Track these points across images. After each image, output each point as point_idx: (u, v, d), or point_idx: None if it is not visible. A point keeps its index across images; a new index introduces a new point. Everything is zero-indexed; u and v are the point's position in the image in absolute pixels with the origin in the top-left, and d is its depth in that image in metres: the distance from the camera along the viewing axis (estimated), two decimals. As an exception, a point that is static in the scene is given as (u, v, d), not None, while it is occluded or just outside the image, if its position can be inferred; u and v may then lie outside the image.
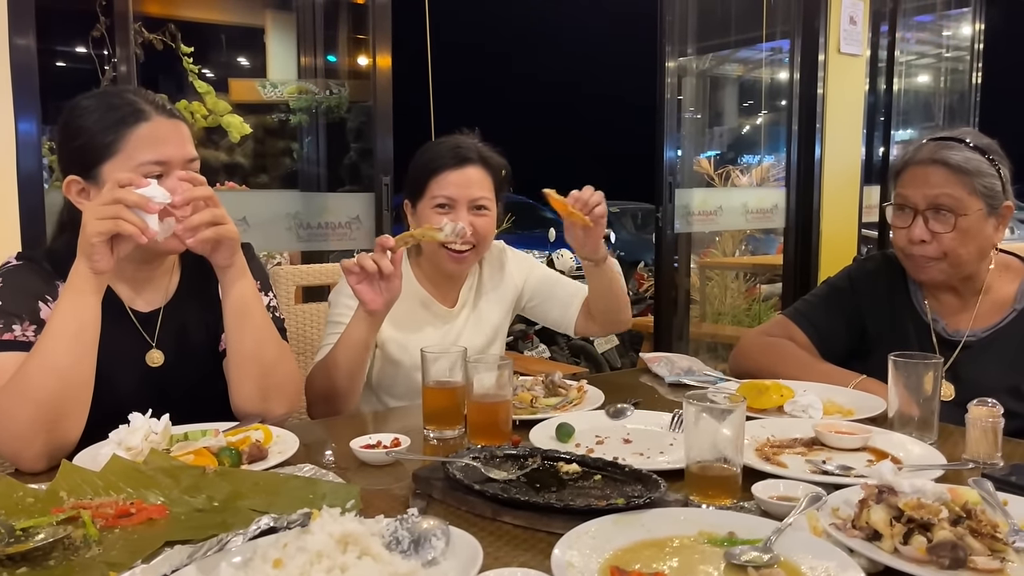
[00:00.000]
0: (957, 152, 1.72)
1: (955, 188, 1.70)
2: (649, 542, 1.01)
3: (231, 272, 1.51)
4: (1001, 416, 1.31)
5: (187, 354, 1.59)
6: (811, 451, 1.38)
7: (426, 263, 2.01)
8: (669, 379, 1.96)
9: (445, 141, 1.96)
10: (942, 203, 1.71)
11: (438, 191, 1.89)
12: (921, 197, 1.73)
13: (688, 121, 5.96)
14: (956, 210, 1.70)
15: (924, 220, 1.73)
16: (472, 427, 1.48)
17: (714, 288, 5.87)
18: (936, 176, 1.72)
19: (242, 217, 2.97)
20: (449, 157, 1.91)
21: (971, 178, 1.70)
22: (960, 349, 1.79)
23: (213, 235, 1.43)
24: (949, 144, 1.74)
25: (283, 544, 0.89)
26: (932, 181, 1.72)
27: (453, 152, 1.91)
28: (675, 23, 4.43)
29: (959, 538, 0.94)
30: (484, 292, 2.09)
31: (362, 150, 4.26)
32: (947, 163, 1.71)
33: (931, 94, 6.37)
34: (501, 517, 1.11)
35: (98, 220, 1.32)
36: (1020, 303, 1.77)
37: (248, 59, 5.48)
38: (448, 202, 1.89)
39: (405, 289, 1.88)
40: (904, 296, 1.89)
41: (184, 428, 1.38)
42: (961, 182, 1.70)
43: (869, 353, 1.88)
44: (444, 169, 1.90)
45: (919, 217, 1.73)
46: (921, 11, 5.87)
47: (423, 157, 1.95)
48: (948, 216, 1.71)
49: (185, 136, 1.51)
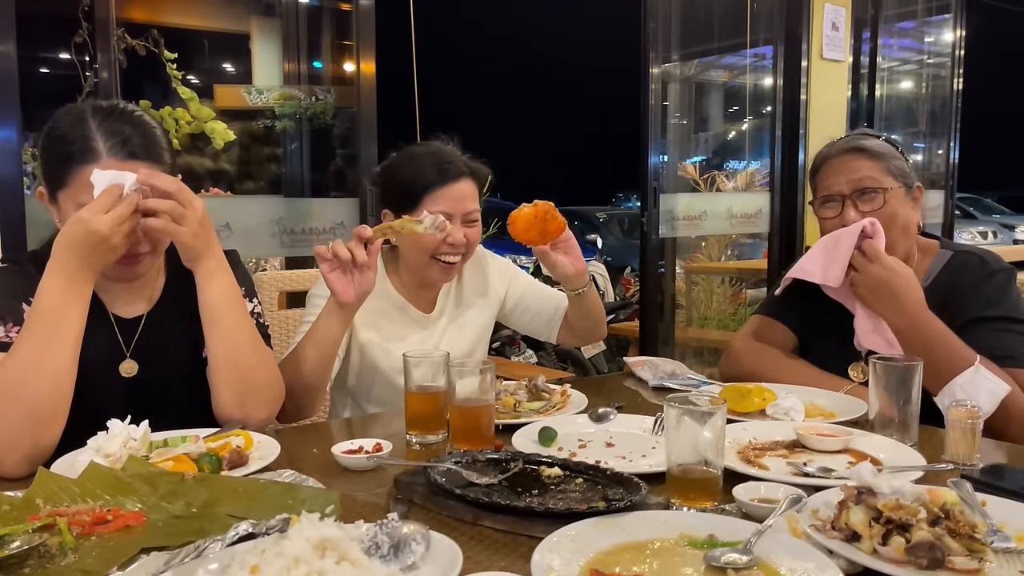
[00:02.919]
0: (868, 140, 1.86)
1: (873, 170, 1.81)
2: (629, 545, 1.01)
3: (199, 276, 1.50)
4: (980, 418, 1.33)
5: (166, 363, 1.58)
6: (792, 453, 1.38)
7: (404, 271, 2.00)
8: (653, 383, 1.96)
9: (430, 153, 1.93)
10: (866, 185, 1.81)
11: (435, 206, 1.86)
12: (845, 183, 1.83)
13: (673, 127, 5.99)
14: (879, 189, 1.80)
15: (853, 205, 1.81)
16: (454, 432, 1.47)
17: (700, 293, 5.90)
18: (855, 162, 1.83)
19: (225, 223, 2.95)
20: (442, 172, 1.89)
21: (885, 161, 1.82)
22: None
23: (160, 227, 1.42)
24: (860, 136, 1.88)
25: (261, 550, 0.88)
26: (852, 167, 1.83)
27: (445, 167, 1.89)
28: (659, 29, 4.44)
29: (937, 539, 0.94)
30: (465, 298, 2.09)
31: (347, 156, 4.25)
32: (862, 149, 1.84)
33: (913, 100, 6.43)
34: (482, 521, 1.11)
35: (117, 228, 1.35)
36: (925, 282, 1.81)
37: (233, 65, 5.47)
38: (447, 217, 1.86)
39: (382, 295, 1.89)
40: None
41: (164, 435, 1.37)
42: (877, 165, 1.82)
43: (808, 342, 1.96)
44: (438, 185, 1.88)
45: (847, 202, 1.82)
46: (902, 18, 5.92)
47: (409, 170, 1.91)
48: (873, 195, 1.80)
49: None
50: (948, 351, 1.61)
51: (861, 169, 1.81)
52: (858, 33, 5.11)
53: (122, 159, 1.43)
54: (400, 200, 1.90)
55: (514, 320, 2.18)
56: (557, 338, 2.14)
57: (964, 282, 1.78)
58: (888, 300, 1.68)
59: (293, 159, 4.59)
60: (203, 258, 1.49)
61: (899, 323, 1.68)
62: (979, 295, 1.75)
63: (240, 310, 1.55)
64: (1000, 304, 1.74)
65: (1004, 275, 1.78)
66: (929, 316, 1.65)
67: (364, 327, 1.94)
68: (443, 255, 1.91)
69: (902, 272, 1.68)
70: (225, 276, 1.53)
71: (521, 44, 21.94)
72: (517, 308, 2.16)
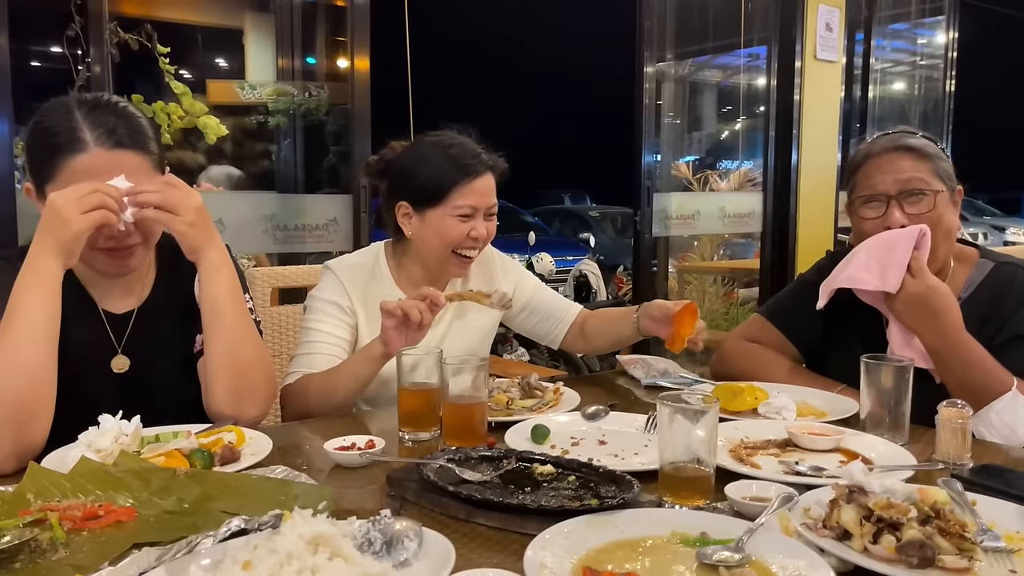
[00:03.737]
0: (915, 139, 1.77)
1: (922, 171, 1.73)
2: (622, 542, 1.01)
3: (203, 269, 1.50)
4: (971, 417, 1.33)
5: (158, 358, 1.57)
6: (784, 452, 1.39)
7: (415, 267, 1.95)
8: (645, 381, 1.96)
9: (452, 146, 1.86)
10: (914, 186, 1.72)
11: (462, 200, 1.82)
12: (891, 183, 1.73)
13: (667, 126, 6.00)
14: (927, 191, 1.72)
15: (899, 206, 1.73)
16: (447, 429, 1.47)
17: (692, 292, 5.91)
18: (903, 162, 1.74)
19: (218, 219, 2.95)
20: (468, 168, 1.83)
21: (932, 162, 1.74)
22: None
23: (154, 216, 1.42)
24: (905, 134, 1.80)
25: (253, 546, 0.88)
26: (900, 167, 1.74)
27: (470, 162, 1.84)
28: (654, 29, 4.45)
29: (928, 537, 0.95)
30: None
31: (341, 153, 4.24)
32: (910, 148, 1.75)
33: (906, 101, 6.46)
34: (475, 519, 1.11)
35: (83, 215, 1.34)
36: (965, 292, 1.76)
37: (226, 60, 5.44)
38: (472, 211, 1.84)
39: (385, 293, 1.86)
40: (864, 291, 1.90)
41: (155, 430, 1.37)
42: (926, 165, 1.73)
43: (830, 348, 1.89)
44: (465, 180, 1.83)
45: (893, 203, 1.73)
46: (896, 19, 5.94)
47: (431, 165, 1.84)
48: (920, 198, 1.72)
49: (128, 168, 1.42)
50: (984, 374, 1.56)
51: (909, 169, 1.72)
52: (852, 34, 5.14)
53: (109, 148, 1.42)
54: (423, 196, 1.84)
55: (518, 323, 2.15)
56: (562, 345, 2.13)
57: (1010, 296, 1.72)
58: (927, 319, 1.61)
59: (286, 155, 4.58)
60: (205, 249, 1.49)
61: (936, 344, 1.61)
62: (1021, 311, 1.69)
63: (241, 306, 1.55)
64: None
65: None
66: (967, 338, 1.59)
67: (368, 330, 1.89)
68: (464, 249, 1.88)
69: (942, 291, 1.61)
70: (228, 271, 1.52)
71: (519, 42, 21.96)
72: (524, 311, 2.13)
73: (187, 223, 1.45)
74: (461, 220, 1.83)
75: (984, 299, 1.72)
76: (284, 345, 2.26)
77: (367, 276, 1.92)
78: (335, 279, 1.88)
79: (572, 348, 2.17)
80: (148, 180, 1.44)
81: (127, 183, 1.40)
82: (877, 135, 1.85)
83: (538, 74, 23.01)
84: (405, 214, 1.88)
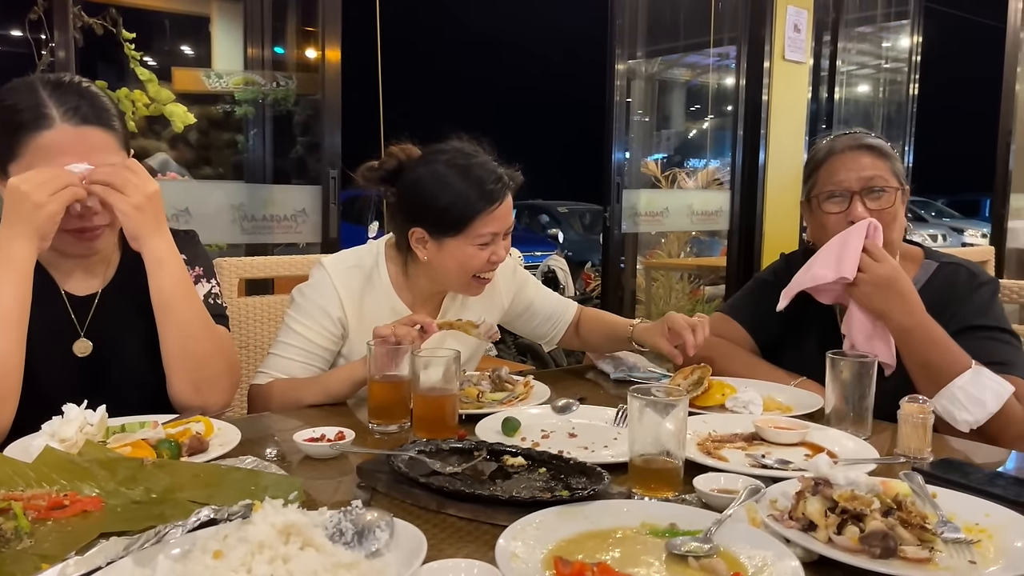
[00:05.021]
0: (875, 139, 1.85)
1: (883, 169, 1.80)
2: (593, 533, 1.02)
3: (147, 260, 1.48)
4: (931, 413, 1.36)
5: (123, 342, 1.55)
6: (751, 446, 1.41)
7: (420, 278, 1.84)
8: (614, 375, 1.98)
9: (472, 168, 1.73)
10: (876, 184, 1.79)
11: (485, 229, 1.72)
12: (856, 180, 1.80)
13: (636, 124, 6.04)
14: (887, 188, 1.79)
15: (861, 202, 1.79)
16: (418, 421, 1.47)
17: (659, 289, 5.96)
18: (866, 159, 1.81)
19: (185, 208, 2.91)
20: (491, 195, 1.71)
21: (891, 162, 1.82)
22: None
23: (101, 192, 1.40)
24: (864, 134, 1.87)
25: (223, 536, 0.87)
26: (864, 164, 1.81)
27: (491, 189, 1.72)
28: (625, 26, 4.48)
29: (890, 528, 0.97)
30: (469, 305, 1.95)
31: (310, 144, 4.20)
32: (872, 147, 1.82)
33: (870, 103, 6.56)
34: (446, 510, 1.11)
35: (53, 195, 1.33)
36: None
37: (193, 48, 5.36)
38: (493, 238, 1.75)
39: (390, 311, 1.81)
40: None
41: (122, 420, 1.35)
42: (885, 164, 1.81)
43: (783, 345, 1.95)
44: (487, 209, 1.71)
45: (856, 198, 1.79)
46: (862, 22, 6.03)
47: (451, 192, 1.70)
48: (881, 194, 1.79)
49: (94, 144, 1.41)
50: (948, 353, 1.62)
51: (871, 167, 1.80)
52: (819, 36, 5.21)
53: (76, 125, 1.40)
54: (443, 225, 1.72)
55: (518, 326, 2.11)
56: (559, 344, 2.12)
57: (954, 292, 1.79)
58: (896, 300, 1.66)
59: (254, 145, 4.53)
60: (149, 238, 1.46)
61: (906, 322, 1.66)
62: (969, 305, 1.76)
63: (192, 298, 1.52)
64: (988, 315, 1.75)
65: (991, 287, 1.80)
66: (930, 318, 1.66)
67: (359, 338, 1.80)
68: (484, 273, 1.79)
69: (904, 274, 1.69)
70: (175, 263, 1.50)
71: (491, 37, 21.93)
72: (524, 315, 2.08)
73: (133, 204, 1.42)
74: (481, 248, 1.74)
75: (933, 296, 1.78)
76: (251, 336, 2.24)
77: (363, 281, 1.83)
78: (329, 283, 1.79)
79: (567, 346, 2.16)
80: (115, 158, 1.43)
81: (85, 166, 1.39)
82: (835, 134, 1.91)
83: (509, 68, 23.01)
84: (420, 239, 1.76)
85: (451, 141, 1.81)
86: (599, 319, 2.10)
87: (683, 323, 1.79)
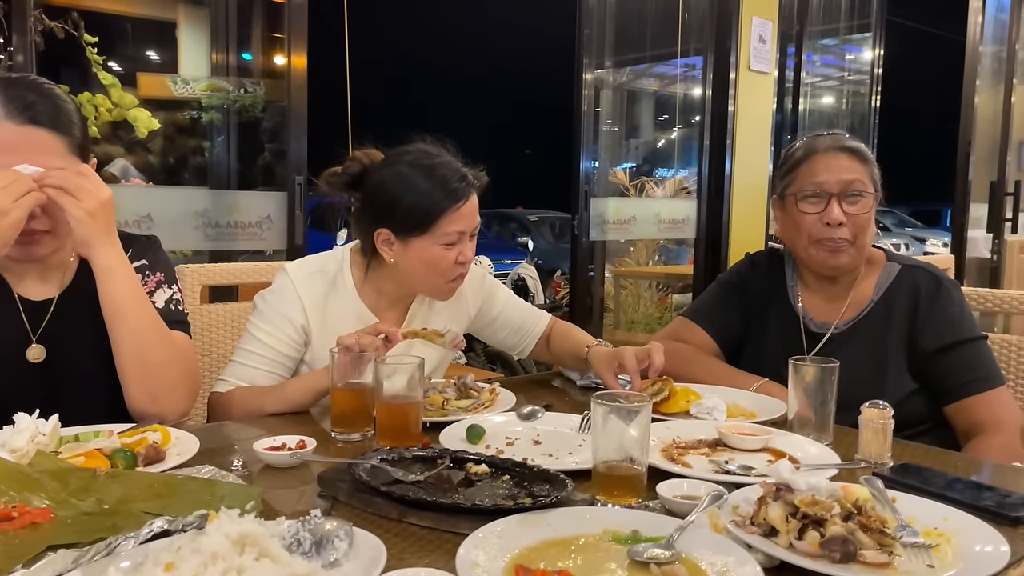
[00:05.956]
0: (856, 143, 1.86)
1: (862, 174, 1.82)
2: (555, 541, 1.01)
3: (96, 269, 1.45)
4: (891, 418, 1.38)
5: (78, 348, 1.51)
6: (715, 452, 1.41)
7: (386, 281, 1.82)
8: (581, 382, 1.98)
9: (435, 167, 1.72)
10: (856, 187, 1.80)
11: (451, 227, 1.70)
12: (836, 182, 1.80)
13: (605, 133, 6.07)
14: (865, 193, 1.81)
15: (839, 203, 1.80)
16: (380, 429, 1.46)
17: (628, 297, 5.99)
18: (847, 162, 1.82)
19: (147, 214, 2.86)
20: (455, 193, 1.70)
21: (870, 166, 1.84)
22: (825, 342, 1.87)
23: (53, 196, 1.37)
24: (844, 136, 1.88)
25: (176, 547, 0.85)
26: (845, 166, 1.81)
27: (456, 187, 1.70)
28: (593, 36, 4.50)
29: (850, 533, 0.97)
30: (435, 313, 1.92)
31: (276, 150, 4.17)
32: (852, 150, 1.83)
33: (834, 115, 6.66)
34: (407, 518, 1.09)
35: (16, 202, 1.31)
36: (877, 294, 1.86)
37: (158, 54, 5.29)
38: (459, 237, 1.73)
39: (356, 319, 1.78)
40: (781, 290, 1.98)
41: (75, 430, 1.32)
42: (864, 168, 1.82)
43: (744, 344, 1.99)
44: (452, 207, 1.70)
45: (834, 200, 1.80)
46: (826, 35, 6.13)
47: (415, 192, 1.69)
48: (859, 199, 1.80)
49: (37, 145, 1.37)
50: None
51: (852, 170, 1.80)
52: (784, 48, 5.28)
53: (19, 123, 1.36)
54: (408, 224, 1.71)
55: (487, 335, 2.08)
56: (530, 355, 2.10)
57: (921, 298, 1.81)
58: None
59: (220, 151, 4.49)
60: (99, 245, 1.43)
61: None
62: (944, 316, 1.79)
63: (144, 305, 1.49)
64: (963, 326, 1.78)
65: (957, 291, 1.83)
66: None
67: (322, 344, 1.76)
68: (453, 274, 1.76)
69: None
70: (125, 271, 1.47)
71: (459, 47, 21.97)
72: (493, 325, 2.05)
73: (86, 210, 1.39)
74: (447, 247, 1.72)
75: (900, 301, 1.83)
76: (214, 344, 2.20)
77: (327, 287, 1.80)
78: (292, 289, 1.76)
79: (539, 358, 2.14)
80: (61, 162, 1.39)
81: (32, 168, 1.35)
82: (814, 134, 1.91)
83: (478, 78, 23.06)
84: (386, 241, 1.74)
85: (414, 142, 1.79)
86: (566, 334, 2.06)
87: (633, 365, 1.75)
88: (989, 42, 6.42)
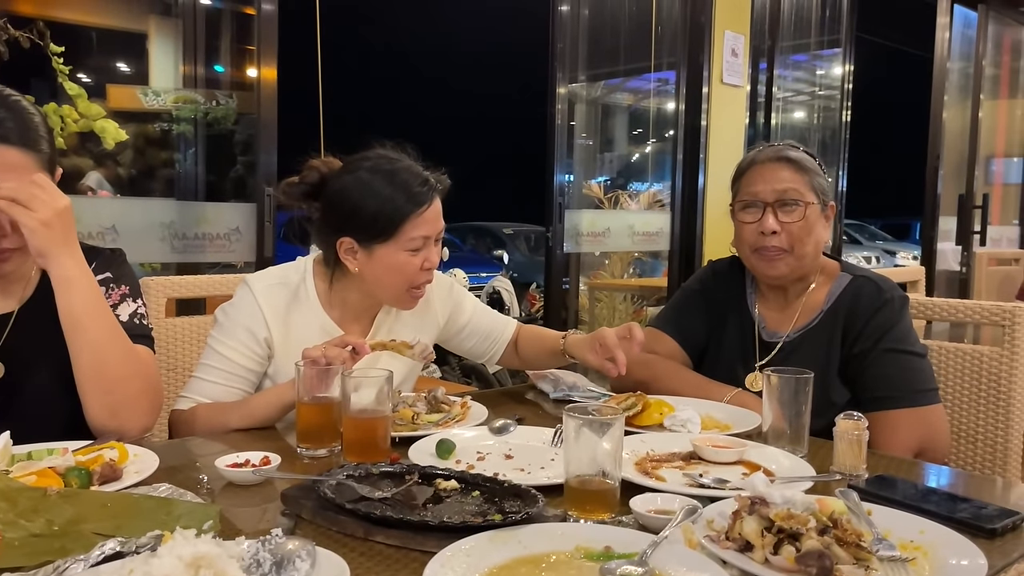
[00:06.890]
0: (796, 152, 1.89)
1: (797, 183, 1.84)
2: (525, 558, 0.98)
3: (54, 279, 1.40)
4: (866, 429, 1.36)
5: (37, 364, 1.47)
6: (689, 465, 1.39)
7: (350, 291, 1.78)
8: (554, 395, 1.95)
9: (396, 172, 1.69)
10: (789, 196, 1.83)
11: (415, 232, 1.67)
12: (770, 192, 1.84)
13: (580, 147, 6.08)
14: (801, 202, 1.83)
15: (773, 213, 1.83)
16: (348, 444, 1.42)
17: (603, 309, 5.98)
18: (782, 172, 1.85)
19: (111, 225, 2.81)
20: (418, 198, 1.67)
21: (809, 175, 1.86)
22: (776, 351, 1.87)
23: (4, 207, 1.33)
24: (787, 147, 1.91)
25: (128, 570, 0.81)
26: (779, 176, 1.85)
27: (419, 191, 1.67)
28: (566, 50, 4.50)
29: (826, 547, 0.95)
30: (402, 324, 1.88)
31: (246, 163, 4.12)
32: (790, 160, 1.86)
33: (806, 129, 6.71)
34: (373, 537, 1.06)
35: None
36: (827, 304, 1.86)
37: (128, 65, 5.23)
38: (424, 242, 1.70)
39: (319, 331, 1.73)
40: (740, 298, 1.99)
41: (29, 447, 1.27)
42: (803, 178, 1.85)
43: (705, 351, 2.00)
44: (416, 212, 1.66)
45: (768, 210, 1.84)
46: (797, 50, 6.19)
47: (378, 197, 1.66)
48: (794, 208, 1.83)
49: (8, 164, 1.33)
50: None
51: (787, 180, 1.83)
52: (756, 62, 5.32)
53: None
54: (372, 232, 1.67)
55: (455, 345, 2.04)
56: (499, 362, 2.08)
57: (856, 308, 1.81)
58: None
59: (189, 164, 4.43)
60: (57, 255, 1.39)
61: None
62: (874, 324, 1.77)
63: (105, 317, 1.45)
64: (894, 336, 1.76)
65: (899, 302, 1.80)
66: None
67: (286, 357, 1.73)
68: (419, 281, 1.73)
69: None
70: (85, 281, 1.42)
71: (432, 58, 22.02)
72: (462, 334, 2.02)
73: (40, 220, 1.34)
74: (412, 253, 1.69)
75: (842, 310, 1.83)
76: (179, 359, 2.15)
77: (290, 298, 1.75)
78: (252, 301, 1.71)
79: (508, 365, 2.12)
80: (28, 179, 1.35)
81: None
82: (763, 146, 1.95)
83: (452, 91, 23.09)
84: (349, 249, 1.70)
85: (374, 148, 1.76)
86: (536, 335, 2.06)
87: (614, 340, 1.74)
88: (956, 58, 6.53)
